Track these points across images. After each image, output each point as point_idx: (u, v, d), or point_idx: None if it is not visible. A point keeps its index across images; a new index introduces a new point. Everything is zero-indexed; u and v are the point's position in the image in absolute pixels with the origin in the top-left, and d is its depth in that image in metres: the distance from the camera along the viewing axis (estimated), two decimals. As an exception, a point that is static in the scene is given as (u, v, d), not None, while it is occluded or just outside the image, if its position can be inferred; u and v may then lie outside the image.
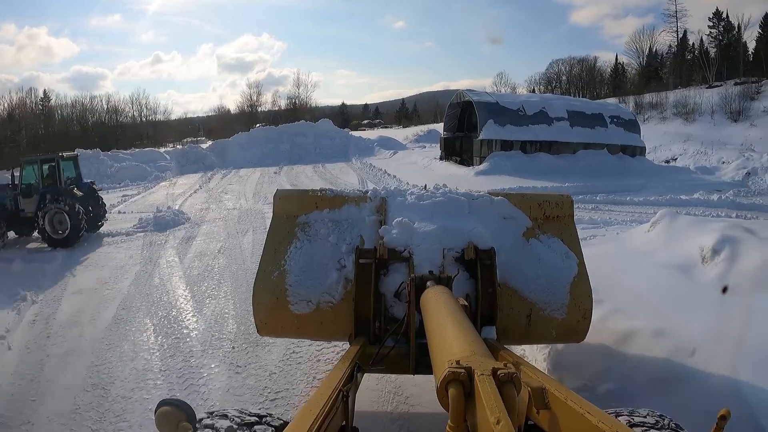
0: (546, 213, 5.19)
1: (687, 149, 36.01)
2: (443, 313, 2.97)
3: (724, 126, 41.51)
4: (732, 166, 26.62)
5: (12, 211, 14.15)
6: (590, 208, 16.21)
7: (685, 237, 8.06)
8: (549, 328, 4.74)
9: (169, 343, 7.29)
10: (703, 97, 46.65)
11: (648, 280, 6.83)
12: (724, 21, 67.57)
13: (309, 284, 4.76)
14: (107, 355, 7.02)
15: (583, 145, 26.41)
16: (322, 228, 5.03)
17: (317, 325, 4.73)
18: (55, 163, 14.55)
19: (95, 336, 7.64)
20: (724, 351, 4.52)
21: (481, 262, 4.48)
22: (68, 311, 8.79)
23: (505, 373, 1.88)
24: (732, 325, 4.99)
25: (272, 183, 24.77)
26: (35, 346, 7.46)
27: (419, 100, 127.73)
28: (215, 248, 12.39)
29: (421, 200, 5.13)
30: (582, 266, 4.91)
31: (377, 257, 4.55)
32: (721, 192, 19.13)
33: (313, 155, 36.95)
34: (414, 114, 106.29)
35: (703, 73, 61.19)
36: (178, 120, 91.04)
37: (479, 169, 24.36)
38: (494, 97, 29.14)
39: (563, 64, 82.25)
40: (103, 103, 76.45)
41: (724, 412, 1.99)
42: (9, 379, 6.48)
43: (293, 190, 5.85)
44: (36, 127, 63.48)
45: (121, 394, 5.96)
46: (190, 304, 8.84)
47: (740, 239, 7.31)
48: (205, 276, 10.37)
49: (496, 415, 1.64)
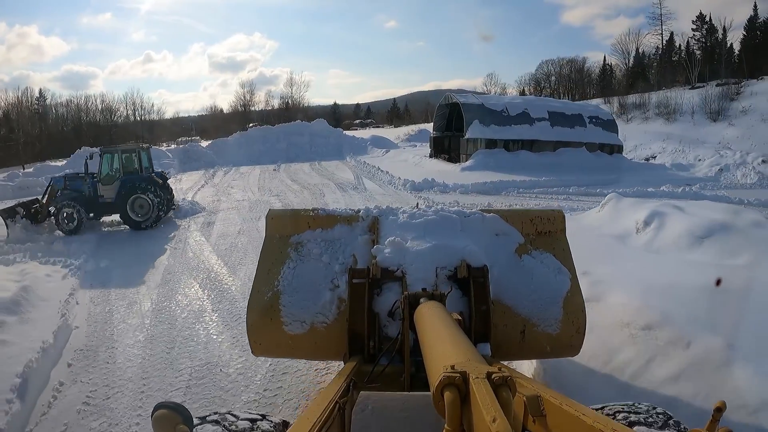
0: (538, 228, 5.23)
1: (666, 147, 37.19)
2: (437, 325, 3.02)
3: (703, 125, 42.45)
4: (706, 163, 28.01)
5: (90, 197, 15.54)
6: (562, 198, 18.02)
7: (626, 214, 9.81)
8: (543, 343, 4.76)
9: (215, 295, 9.12)
10: (684, 97, 47.62)
11: (590, 245, 8.47)
12: (707, 24, 69.17)
13: (302, 304, 4.79)
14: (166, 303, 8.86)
15: (563, 144, 28.23)
16: (314, 248, 5.09)
17: (311, 345, 4.76)
18: (136, 153, 16.20)
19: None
20: (623, 283, 6.29)
21: (474, 280, 4.52)
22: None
23: (499, 376, 1.91)
24: (635, 270, 6.79)
25: (273, 179, 26.21)
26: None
27: (410, 100, 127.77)
28: (235, 230, 14.29)
29: (413, 219, 5.17)
30: (575, 281, 4.96)
31: (370, 277, 4.56)
32: (690, 186, 20.63)
33: (308, 154, 38.29)
34: (405, 114, 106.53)
35: (687, 74, 62.29)
36: (171, 120, 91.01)
37: (465, 166, 26.06)
38: (480, 99, 31.03)
39: (552, 64, 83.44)
40: (97, 103, 77.49)
41: (720, 404, 2.06)
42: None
43: (286, 209, 5.88)
44: (32, 127, 64.08)
45: (186, 326, 7.76)
46: (225, 269, 10.66)
47: (667, 213, 9.05)
48: (232, 250, 12.20)
49: (492, 414, 1.67)
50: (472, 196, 18.58)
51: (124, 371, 6.40)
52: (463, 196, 18.81)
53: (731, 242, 7.80)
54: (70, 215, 14.73)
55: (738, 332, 4.98)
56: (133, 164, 16.10)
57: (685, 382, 4.72)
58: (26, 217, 14.78)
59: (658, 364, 5.03)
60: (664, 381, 4.86)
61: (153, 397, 5.69)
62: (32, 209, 15.22)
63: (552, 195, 18.64)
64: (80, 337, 7.50)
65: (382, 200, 17.93)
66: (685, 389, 4.66)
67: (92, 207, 15.60)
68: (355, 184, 22.63)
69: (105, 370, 6.43)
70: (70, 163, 31.09)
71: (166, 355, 6.78)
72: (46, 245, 13.16)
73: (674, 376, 4.82)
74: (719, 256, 7.52)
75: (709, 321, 5.26)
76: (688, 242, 8.12)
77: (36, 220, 15.05)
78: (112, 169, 15.98)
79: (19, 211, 14.76)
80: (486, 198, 17.98)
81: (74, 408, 5.59)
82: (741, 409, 4.20)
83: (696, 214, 8.87)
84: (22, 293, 8.15)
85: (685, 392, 4.63)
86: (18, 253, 12.04)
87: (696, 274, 6.44)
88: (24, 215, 14.74)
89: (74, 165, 29.69)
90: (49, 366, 6.53)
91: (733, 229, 8.11)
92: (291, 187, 22.50)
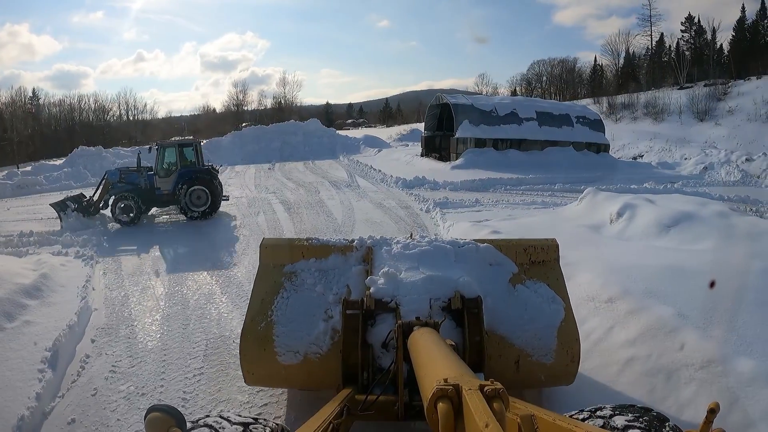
0: (532, 258, 5.26)
1: (653, 147, 37.67)
2: (431, 347, 3.04)
3: (690, 125, 42.82)
4: (692, 161, 28.50)
5: (147, 189, 16.06)
6: (547, 194, 18.68)
7: (602, 207, 10.55)
8: (537, 373, 4.77)
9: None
10: (672, 97, 48.08)
11: (566, 234, 9.15)
12: (696, 25, 69.83)
13: (296, 335, 4.78)
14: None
15: (551, 143, 29.00)
16: (308, 278, 5.11)
17: (305, 376, 4.77)
18: (193, 147, 16.77)
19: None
20: (592, 265, 7.01)
21: (468, 311, 4.53)
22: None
23: (492, 389, 1.93)
24: (603, 255, 7.55)
25: (269, 177, 26.70)
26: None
27: (403, 100, 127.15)
28: (236, 224, 15.00)
29: (406, 249, 5.18)
30: (569, 310, 4.98)
31: (364, 308, 4.56)
32: (673, 183, 21.27)
33: (302, 153, 38.61)
34: (398, 113, 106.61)
35: (676, 75, 62.67)
36: (163, 119, 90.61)
37: (455, 164, 26.68)
38: (470, 100, 31.79)
39: (544, 65, 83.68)
40: (90, 103, 77.39)
41: (713, 406, 2.09)
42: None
43: (280, 239, 5.67)
44: (25, 127, 63.98)
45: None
46: (228, 258, 11.56)
47: (638, 205, 9.79)
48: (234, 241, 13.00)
49: (484, 420, 1.68)
50: (461, 193, 19.13)
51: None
52: (453, 192, 19.35)
53: (695, 230, 8.54)
54: (128, 207, 15.20)
55: (689, 304, 5.68)
56: (190, 157, 16.61)
57: (641, 345, 5.40)
58: (77, 210, 15.18)
59: (617, 331, 5.73)
60: (623, 344, 5.55)
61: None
62: (83, 202, 15.70)
63: (538, 192, 19.25)
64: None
65: (375, 197, 18.52)
66: (641, 351, 5.34)
67: (149, 199, 16.05)
68: (349, 182, 23.10)
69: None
70: (67, 162, 31.36)
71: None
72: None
73: (631, 341, 5.51)
74: (683, 242, 8.27)
75: (664, 295, 5.96)
76: (656, 231, 8.86)
77: (88, 213, 15.42)
78: (169, 162, 16.45)
79: (70, 205, 15.19)
80: (475, 194, 18.55)
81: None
82: (690, 367, 4.85)
83: (665, 206, 9.61)
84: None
85: (641, 353, 5.31)
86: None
87: (657, 257, 7.18)
88: (75, 208, 15.16)
89: (71, 164, 30.09)
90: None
91: (698, 219, 8.85)
92: (287, 185, 22.98)
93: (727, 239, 7.99)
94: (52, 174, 27.67)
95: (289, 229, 13.56)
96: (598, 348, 5.69)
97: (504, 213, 14.48)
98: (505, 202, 16.77)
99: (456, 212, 14.80)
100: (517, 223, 11.13)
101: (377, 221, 14.48)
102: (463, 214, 14.36)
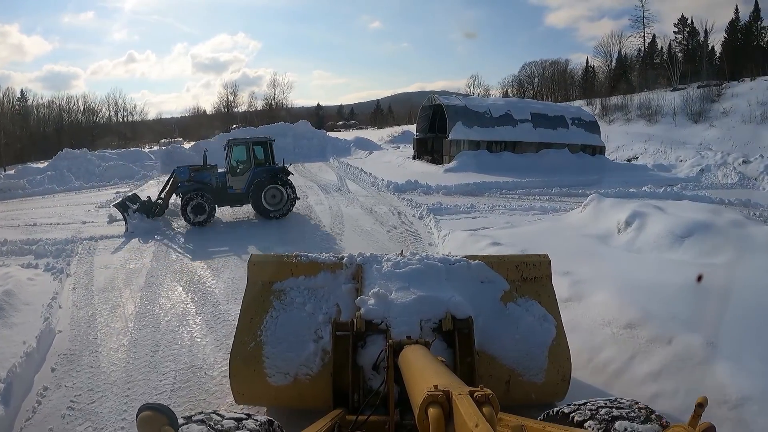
0: (523, 275, 5.18)
1: (648, 148, 37.43)
2: (421, 361, 3.05)
3: (684, 127, 42.77)
4: (688, 163, 28.02)
5: (218, 188, 15.56)
6: (545, 199, 18.06)
7: (607, 214, 9.89)
8: (528, 392, 4.75)
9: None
10: (666, 99, 48.01)
11: (572, 245, 8.56)
12: (689, 26, 69.80)
13: (286, 356, 4.74)
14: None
15: (546, 145, 28.30)
16: (297, 296, 5.04)
17: (296, 396, 4.75)
18: (266, 146, 16.18)
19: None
20: (605, 283, 6.33)
21: (459, 332, 4.51)
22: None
23: (482, 394, 1.96)
24: (616, 270, 6.86)
25: (257, 180, 25.91)
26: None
27: (394, 101, 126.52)
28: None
29: (397, 268, 5.11)
30: (560, 328, 4.92)
31: (354, 330, 4.53)
32: (671, 186, 20.82)
33: (292, 155, 37.82)
34: (389, 115, 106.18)
35: (669, 76, 62.61)
36: (154, 120, 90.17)
37: (448, 167, 25.98)
38: (463, 101, 31.04)
39: (536, 66, 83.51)
40: (79, 104, 76.77)
41: (701, 400, 2.13)
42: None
43: (268, 255, 5.82)
44: (13, 127, 63.34)
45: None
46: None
47: (648, 213, 9.14)
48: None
49: (474, 420, 1.71)
50: (455, 198, 18.50)
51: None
52: (446, 197, 18.72)
53: (711, 241, 7.92)
54: (200, 206, 14.63)
55: (718, 330, 5.04)
56: (262, 156, 16.16)
57: (666, 379, 4.77)
58: (139, 210, 14.71)
59: (640, 361, 5.08)
60: (645, 378, 4.91)
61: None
62: (144, 203, 15.26)
63: (534, 196, 18.67)
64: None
65: (365, 202, 17.91)
66: (667, 385, 4.71)
67: (220, 198, 15.55)
68: (339, 186, 22.52)
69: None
70: (50, 166, 30.54)
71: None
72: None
73: (656, 373, 4.87)
74: (699, 255, 7.63)
75: (689, 319, 5.32)
76: (669, 242, 8.22)
77: (152, 213, 14.98)
78: (237, 159, 16.03)
79: (130, 205, 14.70)
80: (469, 199, 17.93)
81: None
82: (723, 405, 4.25)
83: (676, 214, 8.98)
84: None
85: (667, 389, 4.68)
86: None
87: (676, 273, 6.53)
88: (137, 209, 14.70)
89: (56, 167, 29.27)
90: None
91: (713, 229, 8.23)
92: (274, 189, 22.23)
93: (748, 252, 7.39)
94: (35, 177, 26.86)
95: (275, 239, 13.01)
96: (618, 382, 5.05)
97: (502, 220, 13.83)
98: (501, 208, 16.11)
99: (451, 219, 14.12)
100: (516, 231, 10.51)
101: (367, 229, 13.88)
102: (458, 221, 13.70)
